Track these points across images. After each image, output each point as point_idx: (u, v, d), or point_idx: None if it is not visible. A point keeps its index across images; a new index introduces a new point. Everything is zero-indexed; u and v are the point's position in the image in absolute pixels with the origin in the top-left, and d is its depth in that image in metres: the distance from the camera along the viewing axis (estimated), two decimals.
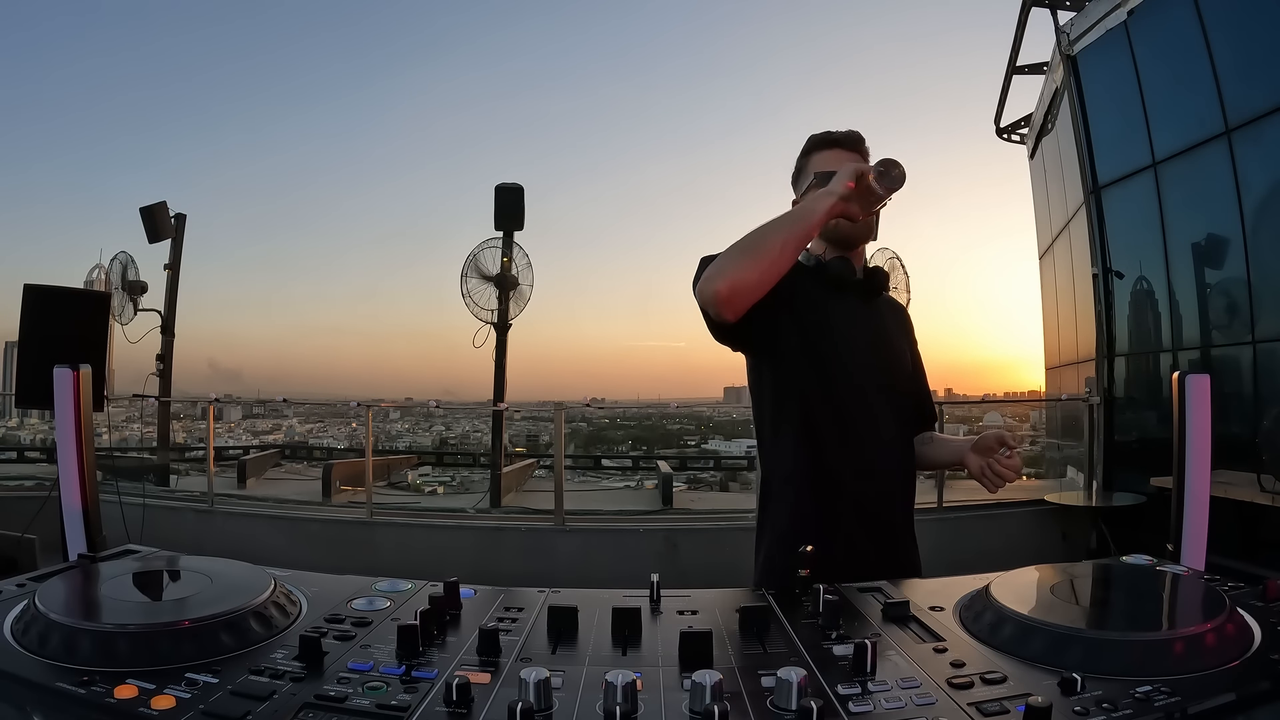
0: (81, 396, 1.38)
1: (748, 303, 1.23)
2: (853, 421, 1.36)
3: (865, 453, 1.36)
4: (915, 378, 1.54)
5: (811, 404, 1.36)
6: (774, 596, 1.00)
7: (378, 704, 0.67)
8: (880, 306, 1.51)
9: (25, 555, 2.96)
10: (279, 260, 51.23)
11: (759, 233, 1.24)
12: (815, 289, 1.41)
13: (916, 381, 1.54)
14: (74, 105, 42.58)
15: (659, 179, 67.40)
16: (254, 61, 52.85)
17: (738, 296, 1.22)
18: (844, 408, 1.36)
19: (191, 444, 7.95)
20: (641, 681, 0.70)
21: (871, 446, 1.37)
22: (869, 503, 1.35)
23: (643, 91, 68.60)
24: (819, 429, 1.35)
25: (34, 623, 0.78)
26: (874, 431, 1.38)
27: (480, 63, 76.39)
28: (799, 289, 1.35)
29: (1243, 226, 4.41)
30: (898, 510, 1.41)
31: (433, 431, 11.84)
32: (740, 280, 1.21)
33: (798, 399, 1.37)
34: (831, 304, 1.41)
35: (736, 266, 1.22)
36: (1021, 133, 7.92)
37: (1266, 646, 0.78)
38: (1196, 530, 1.25)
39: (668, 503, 5.78)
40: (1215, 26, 4.45)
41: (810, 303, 1.38)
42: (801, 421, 1.37)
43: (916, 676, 0.73)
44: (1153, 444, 5.12)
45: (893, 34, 55.83)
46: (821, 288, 1.41)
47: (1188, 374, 1.28)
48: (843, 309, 1.42)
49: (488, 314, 5.83)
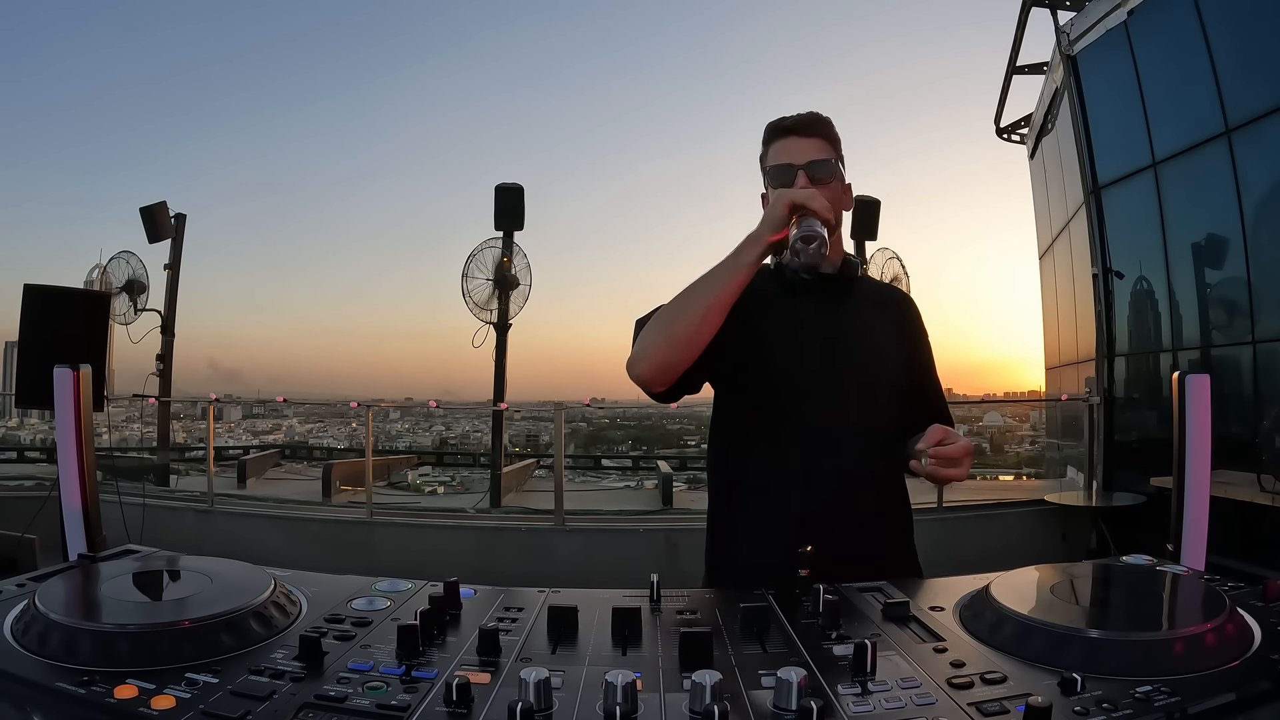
0: (81, 396, 1.38)
1: (675, 376, 1.25)
2: (784, 424, 1.29)
3: (800, 455, 1.28)
4: (907, 372, 1.38)
5: (741, 409, 1.34)
6: (774, 596, 0.99)
7: (378, 704, 0.67)
8: (859, 300, 1.39)
9: (25, 555, 2.96)
10: (279, 260, 51.26)
11: (683, 299, 1.23)
12: (773, 288, 1.36)
13: (912, 376, 1.40)
14: (74, 105, 42.59)
15: (659, 178, 67.42)
16: (255, 61, 52.87)
17: (662, 375, 1.25)
18: (779, 411, 1.29)
19: (191, 444, 7.96)
20: (641, 681, 0.70)
21: (811, 448, 1.28)
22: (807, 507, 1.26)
23: (643, 91, 68.61)
24: (748, 434, 1.33)
25: (34, 623, 0.78)
26: (815, 434, 1.28)
27: (480, 62, 76.39)
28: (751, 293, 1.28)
29: (1243, 226, 4.42)
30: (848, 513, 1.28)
31: (433, 431, 11.85)
32: (661, 362, 1.23)
33: (730, 408, 1.36)
34: (786, 304, 1.34)
35: (657, 348, 1.23)
36: (1021, 133, 7.92)
37: (1266, 646, 0.78)
38: (1196, 530, 1.25)
39: (668, 503, 5.78)
40: (1215, 26, 4.46)
41: (759, 306, 1.31)
42: (732, 428, 1.36)
43: (916, 676, 0.73)
44: (1153, 444, 5.12)
45: (893, 34, 55.83)
46: (780, 286, 1.36)
47: (1188, 374, 1.28)
48: (804, 307, 1.34)
49: (487, 314, 5.83)
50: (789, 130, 1.34)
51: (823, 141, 1.33)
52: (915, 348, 1.43)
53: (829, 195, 1.27)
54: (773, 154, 1.35)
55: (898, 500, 1.38)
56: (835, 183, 1.33)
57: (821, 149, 1.33)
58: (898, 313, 1.43)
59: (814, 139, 1.33)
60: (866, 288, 1.44)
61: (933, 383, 1.45)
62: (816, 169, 1.31)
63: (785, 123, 1.35)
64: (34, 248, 32.48)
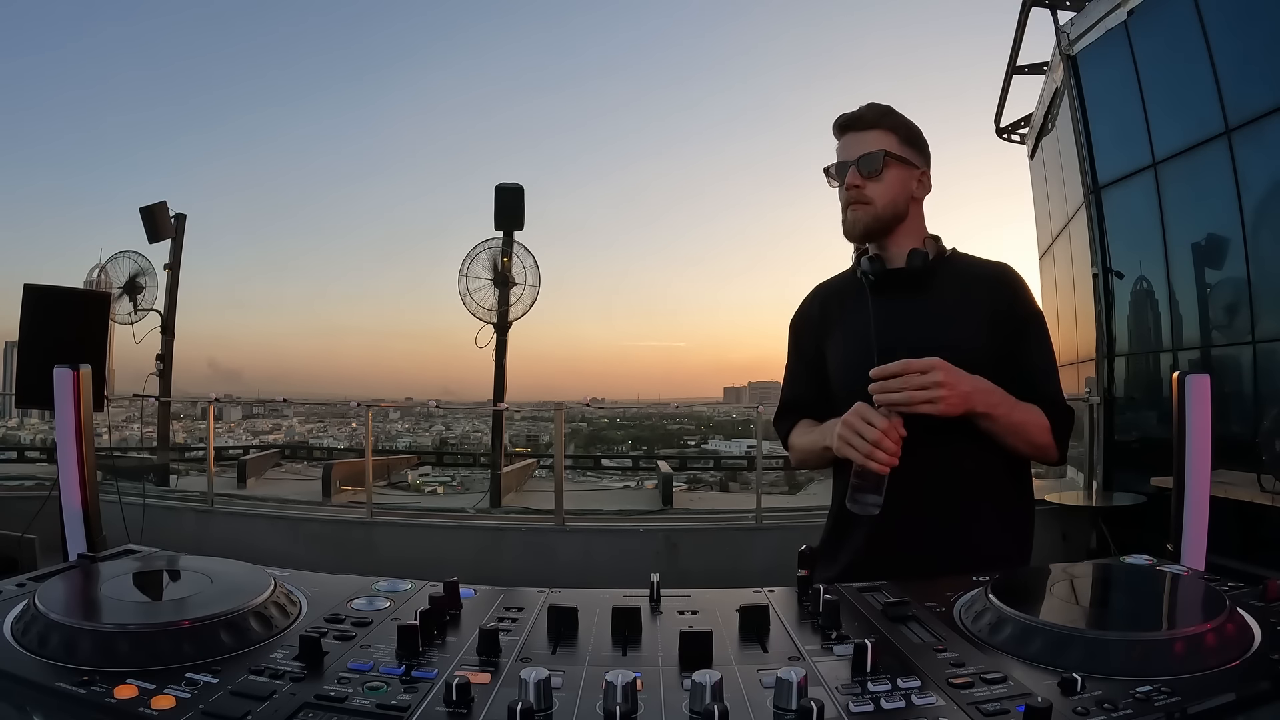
0: (81, 396, 1.38)
1: None
2: None
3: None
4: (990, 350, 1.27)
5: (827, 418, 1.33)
6: (774, 596, 1.00)
7: (378, 704, 0.67)
8: (941, 286, 1.32)
9: (25, 555, 2.96)
10: (279, 260, 51.28)
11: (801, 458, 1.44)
12: (850, 290, 1.39)
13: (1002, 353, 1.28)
14: (75, 105, 42.57)
15: (659, 178, 67.42)
16: (255, 62, 52.87)
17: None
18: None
19: (191, 444, 7.96)
20: (641, 681, 0.70)
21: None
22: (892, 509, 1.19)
23: (643, 91, 68.63)
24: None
25: (34, 623, 0.77)
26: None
27: (481, 62, 76.40)
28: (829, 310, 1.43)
29: (1243, 226, 4.41)
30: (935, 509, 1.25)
31: (433, 431, 11.85)
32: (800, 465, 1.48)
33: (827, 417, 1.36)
34: (859, 307, 1.34)
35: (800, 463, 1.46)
36: (1021, 133, 7.92)
37: (1266, 646, 0.77)
38: (1196, 530, 1.25)
39: (668, 503, 5.79)
40: (1215, 26, 4.45)
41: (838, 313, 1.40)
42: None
43: (916, 676, 0.73)
44: (1153, 444, 5.12)
45: (893, 34, 55.84)
46: (857, 288, 1.37)
47: (1188, 374, 1.28)
48: (878, 308, 1.32)
49: (487, 314, 5.83)
50: (844, 127, 1.37)
51: (880, 132, 1.34)
52: (1006, 326, 1.31)
53: (881, 189, 1.32)
54: (837, 149, 1.37)
55: (994, 490, 1.31)
56: (889, 174, 1.33)
57: (878, 141, 1.33)
58: (990, 291, 1.33)
59: (869, 132, 1.34)
60: (956, 270, 1.36)
61: (1032, 362, 1.32)
62: (865, 163, 1.32)
63: (841, 119, 1.37)
64: (34, 248, 32.49)
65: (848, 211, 1.36)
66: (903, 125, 1.35)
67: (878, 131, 1.33)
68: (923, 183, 1.38)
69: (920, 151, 1.38)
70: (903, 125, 1.35)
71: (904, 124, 1.36)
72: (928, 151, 1.39)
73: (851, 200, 1.34)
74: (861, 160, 1.32)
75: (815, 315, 1.44)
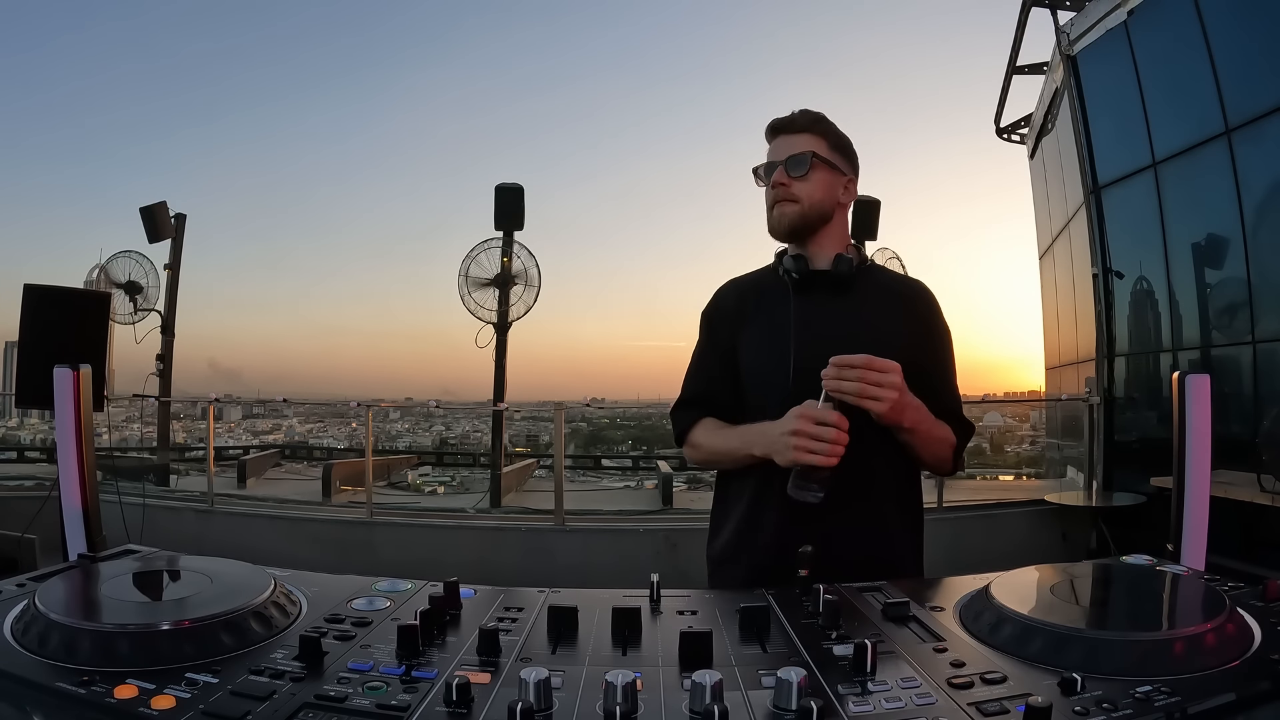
0: (81, 396, 1.38)
1: None
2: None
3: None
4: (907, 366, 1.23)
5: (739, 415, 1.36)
6: (774, 596, 1.00)
7: (378, 704, 0.67)
8: (862, 295, 1.35)
9: (25, 555, 2.97)
10: (279, 260, 51.29)
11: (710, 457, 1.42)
12: (771, 288, 1.39)
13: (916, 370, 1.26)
14: (74, 105, 42.60)
15: (659, 178, 67.45)
16: (256, 61, 52.86)
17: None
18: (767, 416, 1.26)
19: (191, 444, 7.96)
20: (641, 681, 0.70)
21: None
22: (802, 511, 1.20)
23: (643, 91, 68.62)
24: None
25: (34, 623, 0.78)
26: None
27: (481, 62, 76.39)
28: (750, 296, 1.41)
29: (1243, 226, 4.42)
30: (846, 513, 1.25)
31: (433, 431, 11.84)
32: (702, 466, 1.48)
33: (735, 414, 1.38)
34: (780, 306, 1.35)
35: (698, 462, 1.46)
36: (1021, 133, 7.93)
37: (1266, 646, 0.78)
38: (1196, 530, 1.25)
39: (668, 503, 5.79)
40: (1215, 26, 4.46)
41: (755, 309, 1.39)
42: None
43: (916, 676, 0.73)
44: (1153, 444, 5.12)
45: (892, 34, 55.83)
46: (778, 286, 1.38)
47: (1188, 374, 1.28)
48: (799, 308, 1.33)
49: (487, 314, 5.83)
50: (776, 130, 1.39)
51: (810, 136, 1.36)
52: (922, 341, 1.35)
53: (807, 189, 1.34)
54: (769, 151, 1.39)
55: (899, 499, 1.35)
56: (816, 175, 1.35)
57: (807, 144, 1.35)
58: (907, 305, 1.38)
59: (799, 135, 1.37)
60: (875, 281, 1.40)
61: (943, 377, 1.38)
62: (793, 164, 1.35)
63: (773, 123, 1.39)
64: (34, 248, 32.49)
65: (774, 209, 1.38)
66: (832, 133, 1.39)
67: (808, 135, 1.36)
68: (849, 190, 1.41)
69: (848, 159, 1.41)
70: (832, 133, 1.39)
71: (834, 131, 1.39)
72: (856, 161, 1.43)
73: (778, 198, 1.36)
74: (790, 161, 1.35)
75: (731, 308, 1.43)
